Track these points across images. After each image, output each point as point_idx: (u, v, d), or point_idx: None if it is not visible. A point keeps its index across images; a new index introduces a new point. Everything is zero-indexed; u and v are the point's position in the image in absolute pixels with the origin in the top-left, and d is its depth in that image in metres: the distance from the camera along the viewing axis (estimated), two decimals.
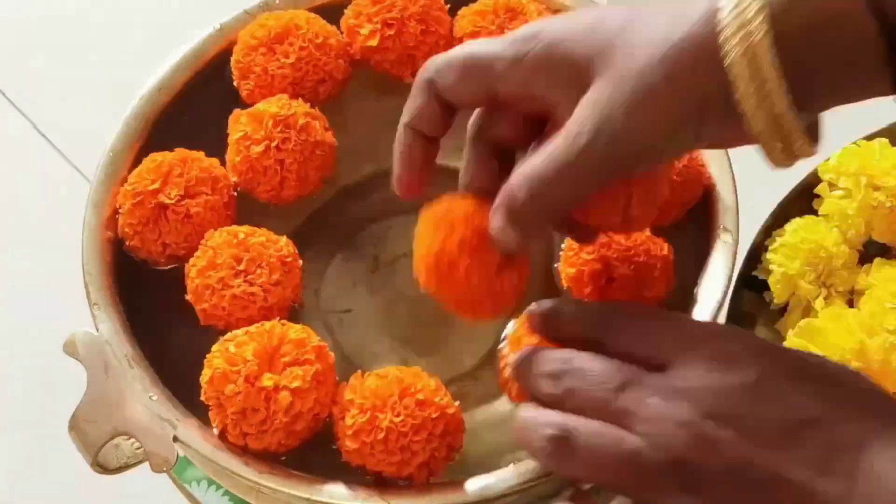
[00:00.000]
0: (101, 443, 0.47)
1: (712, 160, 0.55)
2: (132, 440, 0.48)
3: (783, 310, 0.58)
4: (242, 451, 0.47)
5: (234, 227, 0.51)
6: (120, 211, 0.53)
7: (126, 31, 0.99)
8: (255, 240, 0.51)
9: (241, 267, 0.50)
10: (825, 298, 0.56)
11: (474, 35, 0.58)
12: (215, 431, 0.47)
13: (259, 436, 0.46)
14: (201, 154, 0.54)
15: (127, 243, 0.53)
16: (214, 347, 0.47)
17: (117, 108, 0.56)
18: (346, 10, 0.59)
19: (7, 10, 1.01)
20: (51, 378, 0.71)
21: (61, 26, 1.00)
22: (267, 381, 0.46)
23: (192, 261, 0.51)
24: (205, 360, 0.47)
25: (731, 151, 0.54)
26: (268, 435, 0.46)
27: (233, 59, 0.57)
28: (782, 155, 0.39)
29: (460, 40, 0.59)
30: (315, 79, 0.56)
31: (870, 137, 0.61)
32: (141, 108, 0.56)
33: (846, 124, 0.62)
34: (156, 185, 0.52)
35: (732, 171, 0.54)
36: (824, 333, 0.52)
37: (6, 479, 0.77)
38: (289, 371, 0.46)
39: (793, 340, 0.53)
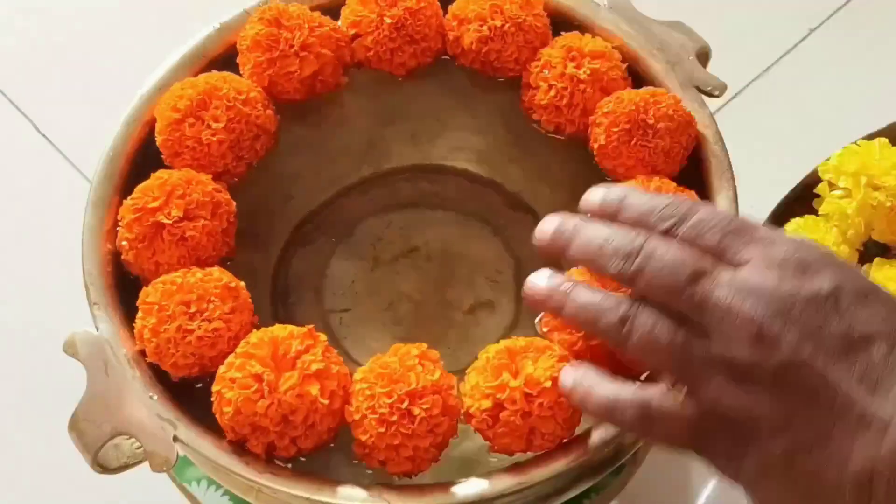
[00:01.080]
0: (101, 443, 0.47)
1: (713, 159, 0.55)
2: (132, 440, 0.47)
3: None
4: (243, 452, 0.47)
5: (167, 276, 0.50)
6: (120, 223, 0.52)
7: (126, 31, 0.99)
8: (192, 279, 0.49)
9: (193, 309, 0.48)
10: None
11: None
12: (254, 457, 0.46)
13: (309, 432, 0.46)
14: (208, 177, 0.53)
15: (122, 257, 0.52)
16: (215, 389, 0.46)
17: (117, 109, 0.56)
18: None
19: (7, 11, 1.01)
20: (51, 378, 0.71)
21: (61, 26, 1.00)
22: (289, 379, 0.45)
23: (138, 324, 0.49)
24: (213, 408, 0.46)
25: (731, 150, 0.54)
26: (317, 426, 0.46)
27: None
28: None
29: None
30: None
31: (870, 137, 0.61)
32: (141, 109, 0.56)
33: (846, 124, 0.62)
34: (156, 204, 0.51)
35: (732, 172, 0.54)
36: None
37: (6, 479, 0.77)
38: (301, 361, 0.46)
39: None
